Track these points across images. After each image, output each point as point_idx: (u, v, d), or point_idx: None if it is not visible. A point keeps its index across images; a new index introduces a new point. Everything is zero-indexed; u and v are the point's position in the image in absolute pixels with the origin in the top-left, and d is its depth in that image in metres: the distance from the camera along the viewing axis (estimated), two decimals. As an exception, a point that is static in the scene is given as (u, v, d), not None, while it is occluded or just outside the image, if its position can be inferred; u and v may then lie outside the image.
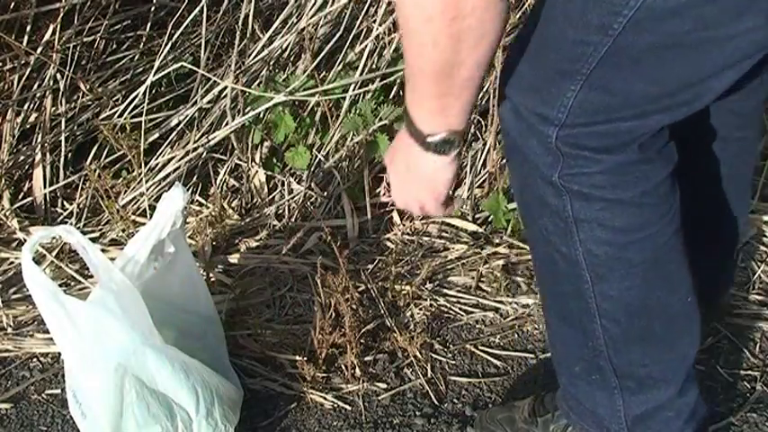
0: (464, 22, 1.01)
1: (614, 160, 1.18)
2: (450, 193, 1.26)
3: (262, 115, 2.05)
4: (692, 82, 1.15)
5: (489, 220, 2.06)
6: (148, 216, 2.02)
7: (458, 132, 1.15)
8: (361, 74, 2.04)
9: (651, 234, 1.23)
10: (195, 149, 2.08)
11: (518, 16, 1.92)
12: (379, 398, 1.67)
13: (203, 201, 2.12)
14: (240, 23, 2.06)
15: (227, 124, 2.05)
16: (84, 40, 2.17)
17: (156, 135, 2.13)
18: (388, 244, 2.03)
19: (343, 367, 1.70)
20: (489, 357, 1.74)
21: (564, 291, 1.29)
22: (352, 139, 2.04)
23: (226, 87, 2.04)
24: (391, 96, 2.10)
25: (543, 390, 1.54)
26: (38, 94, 2.16)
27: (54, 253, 1.95)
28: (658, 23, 1.08)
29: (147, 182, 2.05)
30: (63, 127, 2.15)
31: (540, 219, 1.25)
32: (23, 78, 2.13)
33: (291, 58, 2.15)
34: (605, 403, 1.36)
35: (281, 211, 2.09)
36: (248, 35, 2.07)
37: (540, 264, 1.33)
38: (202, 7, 2.01)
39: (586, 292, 1.26)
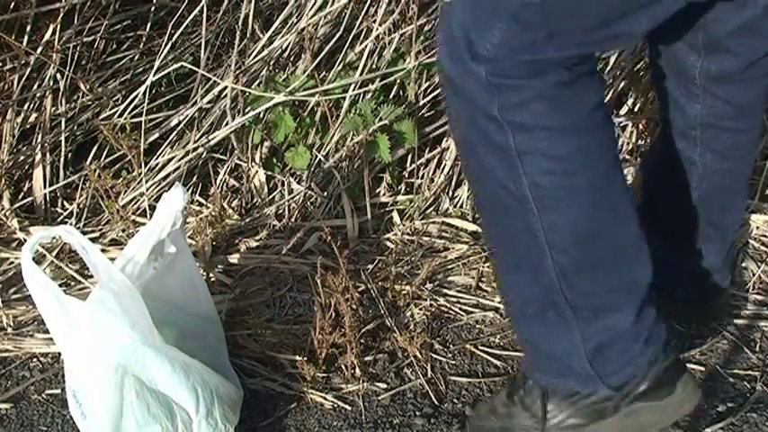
0: None
1: (545, 83, 1.22)
2: None
3: (262, 115, 2.05)
4: (609, 19, 1.20)
5: (489, 220, 2.06)
6: (148, 216, 2.02)
7: None
8: (361, 74, 2.04)
9: (592, 161, 1.28)
10: (195, 149, 2.08)
11: None
12: (379, 398, 1.67)
13: (203, 201, 2.12)
14: (240, 23, 2.06)
15: (227, 124, 2.05)
16: (84, 40, 2.17)
17: (156, 135, 2.13)
18: (388, 244, 2.03)
19: (343, 367, 1.70)
20: (489, 357, 1.74)
21: (513, 230, 1.33)
22: (352, 139, 2.03)
23: (226, 87, 2.04)
24: (391, 96, 2.10)
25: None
26: (38, 94, 2.16)
27: (54, 253, 1.95)
28: None
29: (147, 182, 2.05)
30: (63, 127, 2.15)
31: (485, 158, 1.29)
32: (23, 78, 2.13)
33: (291, 58, 2.15)
34: (563, 340, 1.38)
35: (281, 211, 2.09)
36: (248, 35, 2.08)
37: (487, 208, 1.37)
38: (202, 7, 2.01)
39: (535, 226, 1.29)
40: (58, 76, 2.15)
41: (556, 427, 1.44)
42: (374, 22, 2.05)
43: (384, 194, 2.13)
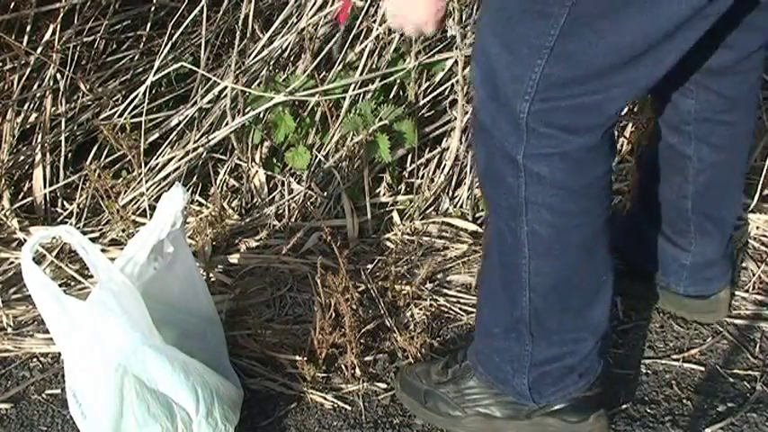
0: None
1: (579, 142, 1.26)
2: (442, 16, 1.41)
3: (262, 115, 2.05)
4: (647, 45, 1.21)
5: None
6: (148, 216, 2.02)
7: None
8: (361, 74, 2.04)
9: (589, 222, 1.34)
10: (195, 149, 2.07)
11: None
12: (379, 398, 1.67)
13: (203, 201, 2.12)
14: (240, 23, 2.06)
15: (227, 124, 2.05)
16: (84, 40, 2.17)
17: (156, 135, 2.13)
18: (388, 244, 2.03)
19: (343, 367, 1.70)
20: (489, 357, 1.74)
21: (504, 261, 1.40)
22: (352, 139, 2.03)
23: (226, 87, 2.04)
24: (391, 96, 2.10)
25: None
26: (38, 94, 2.16)
27: (54, 253, 1.95)
28: None
29: (147, 182, 2.05)
30: (63, 127, 2.15)
31: (495, 192, 1.36)
32: (23, 78, 2.13)
33: (291, 58, 2.15)
34: (515, 360, 1.46)
35: (281, 211, 2.09)
36: (248, 35, 2.07)
37: (490, 231, 1.43)
38: (202, 7, 2.00)
39: (522, 266, 1.36)
40: (58, 76, 2.15)
41: (471, 407, 1.53)
42: (374, 22, 2.05)
43: (384, 194, 2.13)
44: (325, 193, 2.09)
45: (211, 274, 1.91)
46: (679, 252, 1.73)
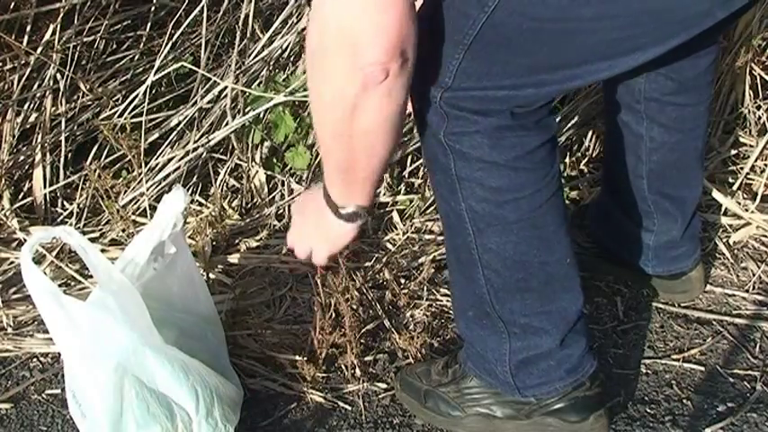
0: (358, 141, 1.23)
1: (489, 123, 1.29)
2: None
3: (262, 115, 2.05)
4: (564, 64, 1.26)
5: (489, 219, 2.06)
6: (148, 216, 2.02)
7: (365, 207, 1.34)
8: (361, 74, 2.03)
9: (526, 196, 1.34)
10: (195, 149, 2.07)
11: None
12: (379, 398, 1.67)
13: (203, 201, 2.12)
14: (240, 23, 2.06)
15: (227, 124, 2.05)
16: (84, 40, 2.17)
17: (156, 135, 2.13)
18: (389, 244, 2.03)
19: (343, 367, 1.70)
20: (489, 357, 1.74)
21: (456, 242, 1.41)
22: (352, 139, 2.03)
23: (226, 87, 2.04)
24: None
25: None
26: (38, 94, 2.16)
27: (54, 253, 1.95)
28: (525, 7, 1.19)
29: (147, 182, 2.05)
30: (63, 127, 2.15)
31: (435, 175, 1.38)
32: (23, 78, 2.13)
33: (291, 58, 2.15)
34: (494, 347, 1.47)
35: (281, 212, 2.09)
36: (248, 35, 2.07)
37: (441, 216, 1.45)
38: (202, 7, 2.00)
39: (471, 244, 1.38)
40: (58, 76, 2.14)
41: (471, 407, 1.53)
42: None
43: (384, 194, 2.14)
44: (326, 193, 2.09)
45: (211, 274, 1.91)
46: (643, 232, 1.77)
